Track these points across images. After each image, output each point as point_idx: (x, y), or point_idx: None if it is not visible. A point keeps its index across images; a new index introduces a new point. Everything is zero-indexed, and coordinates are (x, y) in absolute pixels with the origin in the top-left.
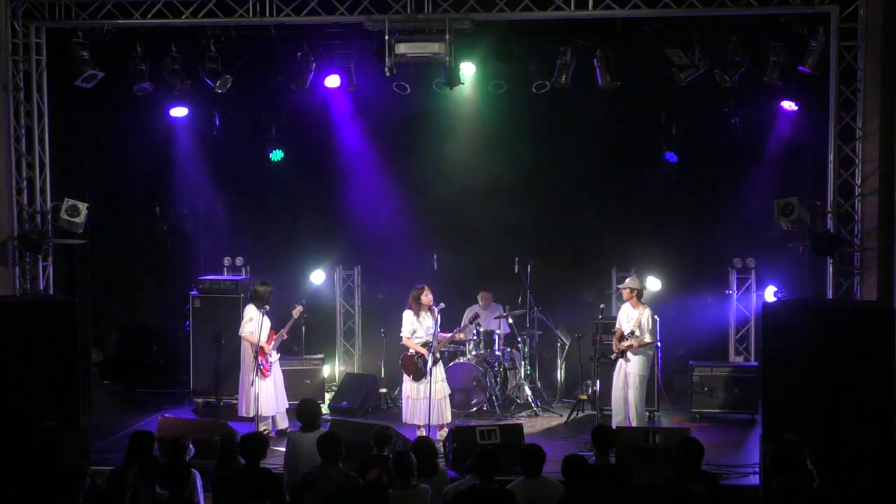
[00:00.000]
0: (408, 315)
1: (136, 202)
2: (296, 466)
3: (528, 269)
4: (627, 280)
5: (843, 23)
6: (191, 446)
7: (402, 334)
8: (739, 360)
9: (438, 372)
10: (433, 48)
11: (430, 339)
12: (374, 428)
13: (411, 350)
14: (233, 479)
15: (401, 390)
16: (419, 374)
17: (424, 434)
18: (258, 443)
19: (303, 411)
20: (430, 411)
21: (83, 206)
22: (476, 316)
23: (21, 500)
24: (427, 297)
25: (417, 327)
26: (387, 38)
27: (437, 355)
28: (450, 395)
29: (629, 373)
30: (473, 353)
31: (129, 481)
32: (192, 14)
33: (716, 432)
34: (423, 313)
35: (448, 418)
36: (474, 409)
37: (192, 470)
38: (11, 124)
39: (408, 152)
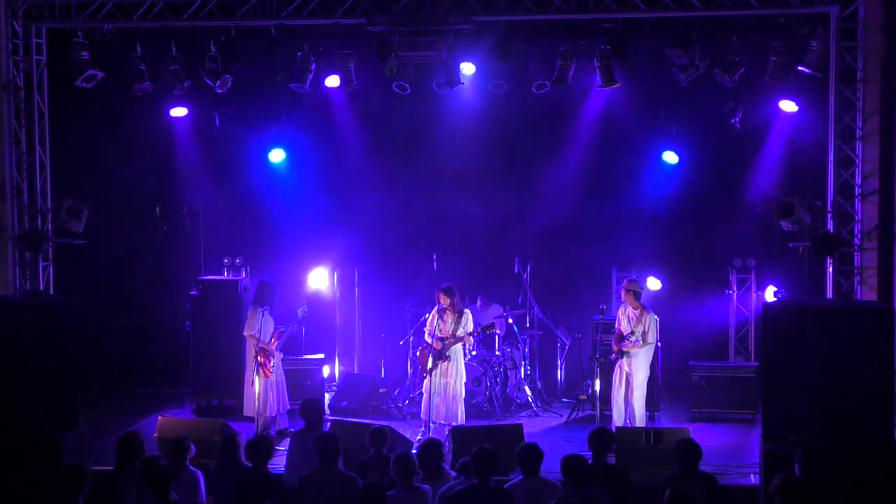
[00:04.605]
0: (433, 312)
1: (136, 202)
2: (299, 466)
3: (528, 269)
4: (625, 282)
5: (843, 23)
6: (192, 447)
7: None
8: (739, 360)
9: (453, 370)
10: (433, 48)
11: (443, 337)
12: (370, 429)
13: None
14: (233, 479)
15: (403, 389)
16: (425, 368)
17: (426, 430)
18: (265, 446)
19: (308, 410)
20: (431, 406)
21: (83, 206)
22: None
23: (20, 501)
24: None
25: (436, 324)
26: (387, 38)
27: (448, 354)
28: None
29: (629, 373)
30: (474, 352)
31: (131, 482)
32: (192, 14)
33: (716, 432)
34: (445, 313)
35: (459, 418)
36: (474, 409)
37: (195, 470)
38: (11, 124)
39: (407, 152)
